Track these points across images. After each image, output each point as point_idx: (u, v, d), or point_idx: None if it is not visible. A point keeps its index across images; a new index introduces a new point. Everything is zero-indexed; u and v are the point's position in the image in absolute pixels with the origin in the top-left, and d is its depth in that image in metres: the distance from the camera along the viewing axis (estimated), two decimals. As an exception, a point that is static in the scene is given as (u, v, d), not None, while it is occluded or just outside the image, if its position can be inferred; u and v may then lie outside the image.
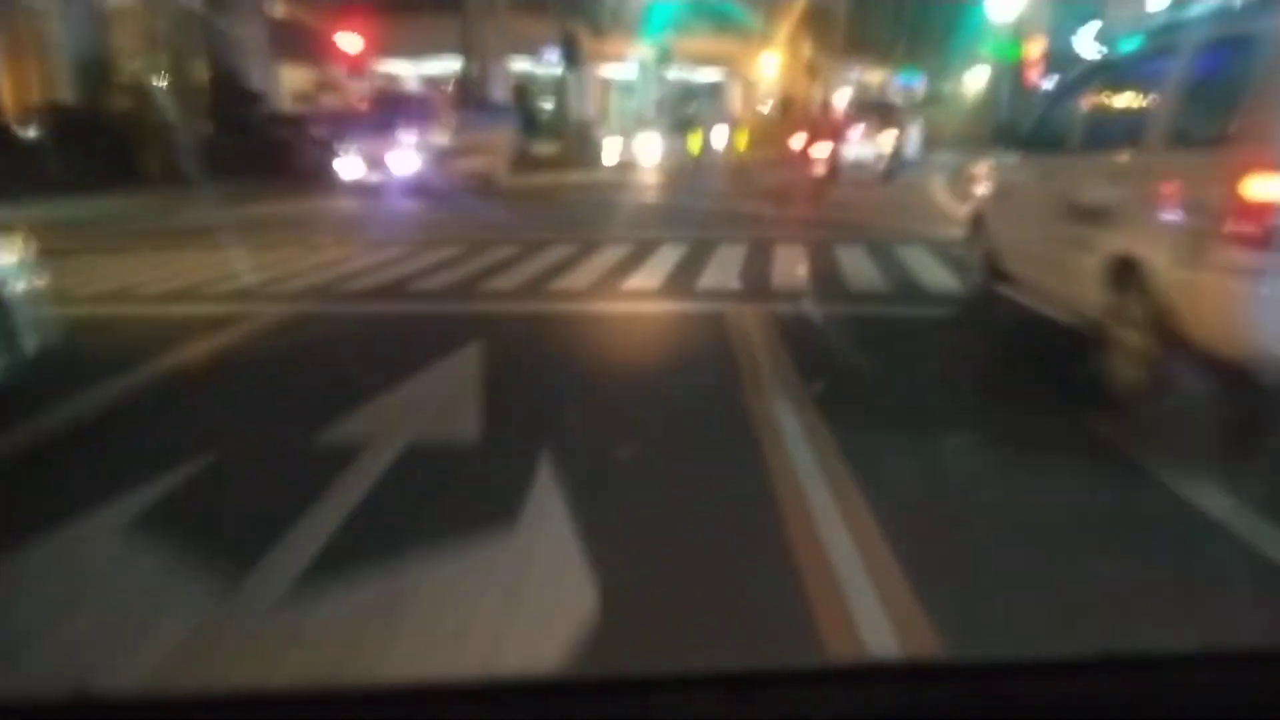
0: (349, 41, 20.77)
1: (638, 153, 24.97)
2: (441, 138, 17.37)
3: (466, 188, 16.75)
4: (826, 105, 18.80)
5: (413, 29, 25.27)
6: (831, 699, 0.86)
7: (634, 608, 2.62)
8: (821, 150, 15.34)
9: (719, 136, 25.83)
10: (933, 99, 35.58)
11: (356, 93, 21.52)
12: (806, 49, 36.22)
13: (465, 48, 23.18)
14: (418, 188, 16.19)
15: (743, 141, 26.62)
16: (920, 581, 2.67)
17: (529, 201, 16.60)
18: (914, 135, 20.94)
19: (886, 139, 18.99)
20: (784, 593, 2.66)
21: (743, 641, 2.41)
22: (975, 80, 45.47)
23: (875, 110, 21.80)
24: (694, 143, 24.53)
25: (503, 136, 19.87)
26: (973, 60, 45.89)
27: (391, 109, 18.21)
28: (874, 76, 48.51)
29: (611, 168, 23.97)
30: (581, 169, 22.94)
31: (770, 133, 28.42)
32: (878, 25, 45.21)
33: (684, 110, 28.62)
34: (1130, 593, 2.69)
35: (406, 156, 16.73)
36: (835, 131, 16.68)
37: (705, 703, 0.85)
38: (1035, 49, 12.81)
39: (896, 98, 31.52)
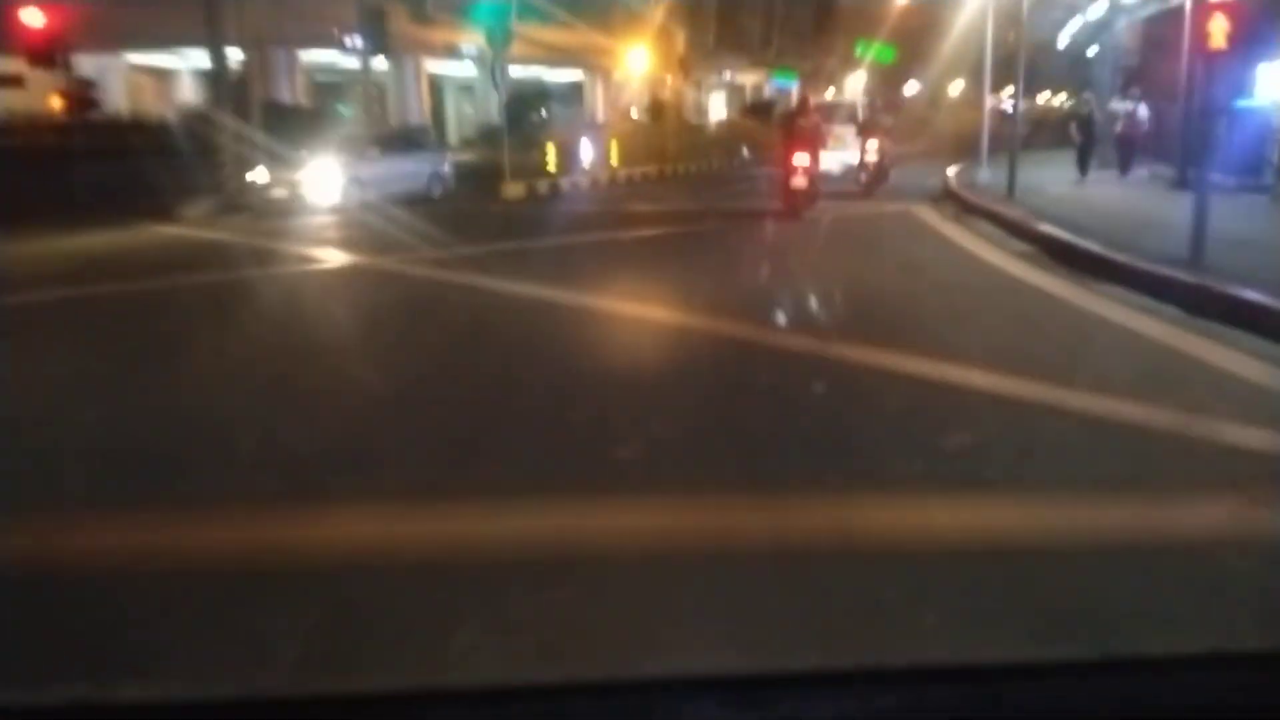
0: (34, 19, 14.05)
1: (306, 187, 14.95)
2: None
3: None
4: (804, 105, 14.38)
5: (170, 10, 18.52)
6: (831, 700, 0.83)
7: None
8: (802, 159, 12.73)
9: (585, 149, 20.14)
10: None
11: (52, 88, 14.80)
12: (680, 43, 31.00)
13: (214, 33, 15.51)
14: None
15: (614, 154, 21.19)
16: None
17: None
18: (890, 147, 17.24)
19: (871, 148, 16.19)
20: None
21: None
22: (854, 84, 42.06)
23: (847, 114, 19.10)
24: (546, 159, 18.78)
25: None
26: (849, 64, 42.44)
27: None
28: (747, 78, 44.25)
29: (265, 205, 14.77)
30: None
31: (645, 142, 23.30)
32: (750, 23, 40.90)
33: (531, 116, 22.78)
34: None
35: None
36: (814, 138, 13.24)
37: (706, 705, 0.81)
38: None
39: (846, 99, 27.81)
